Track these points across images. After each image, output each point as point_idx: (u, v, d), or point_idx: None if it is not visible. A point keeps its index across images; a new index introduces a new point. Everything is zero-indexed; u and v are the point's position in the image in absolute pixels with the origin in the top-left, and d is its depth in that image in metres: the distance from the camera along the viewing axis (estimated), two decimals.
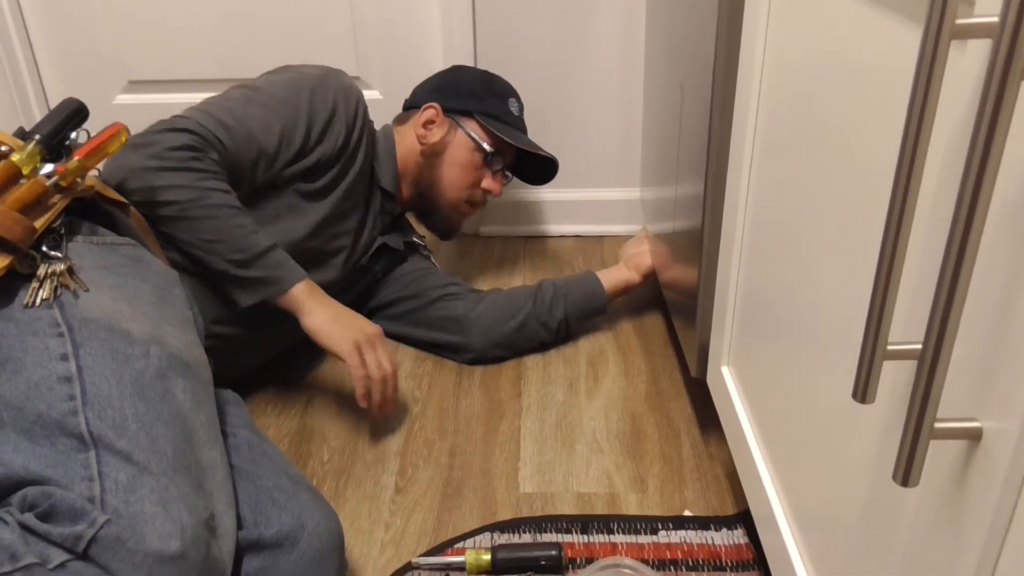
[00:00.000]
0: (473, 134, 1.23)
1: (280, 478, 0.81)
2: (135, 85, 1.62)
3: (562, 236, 1.68)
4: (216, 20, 1.55)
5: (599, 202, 1.66)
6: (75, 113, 0.83)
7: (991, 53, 0.29)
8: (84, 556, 0.61)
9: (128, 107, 1.63)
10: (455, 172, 1.23)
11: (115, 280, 0.80)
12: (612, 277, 1.28)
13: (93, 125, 0.85)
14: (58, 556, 0.61)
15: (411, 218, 1.39)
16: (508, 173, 1.31)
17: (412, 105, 1.29)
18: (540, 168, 1.34)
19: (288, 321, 1.01)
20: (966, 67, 0.38)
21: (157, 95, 1.62)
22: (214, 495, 0.71)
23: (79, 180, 0.81)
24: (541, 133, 1.60)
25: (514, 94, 1.31)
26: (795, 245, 0.66)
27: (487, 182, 1.26)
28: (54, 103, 1.65)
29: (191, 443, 0.72)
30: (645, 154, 1.50)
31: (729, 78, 0.82)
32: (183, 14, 1.54)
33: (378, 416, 1.08)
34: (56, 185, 0.78)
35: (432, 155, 1.23)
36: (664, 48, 1.21)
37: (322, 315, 0.99)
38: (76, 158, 0.81)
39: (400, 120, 1.29)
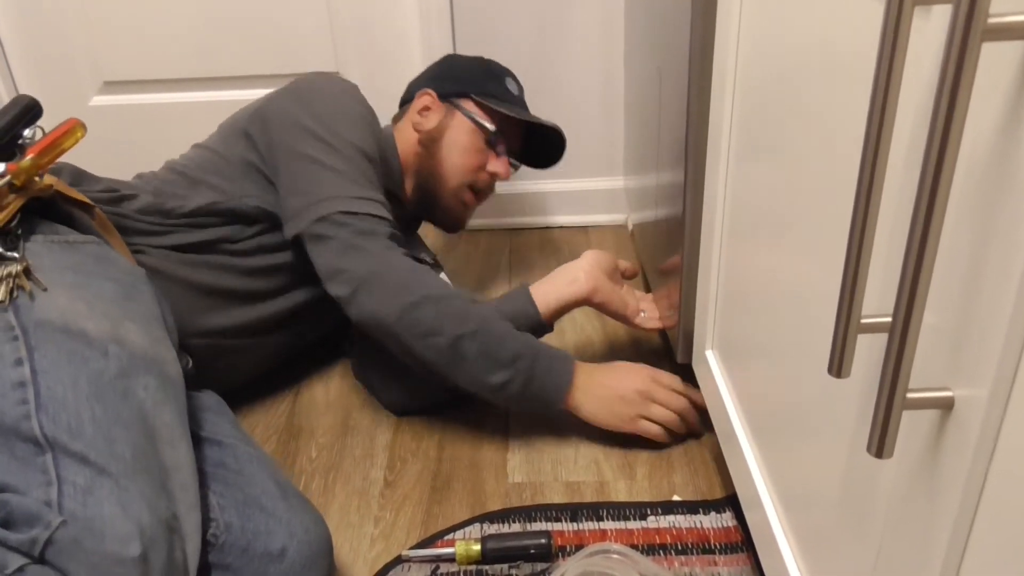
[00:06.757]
0: (472, 114, 1.16)
1: (268, 483, 0.80)
2: (111, 86, 1.60)
3: (547, 227, 1.67)
4: (192, 18, 1.53)
5: (583, 192, 1.65)
6: (27, 110, 0.82)
7: (951, 16, 0.28)
8: (42, 560, 0.60)
9: (104, 109, 1.61)
10: (455, 156, 1.15)
11: (76, 279, 0.77)
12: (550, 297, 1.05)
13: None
14: (16, 561, 0.60)
15: (422, 233, 1.33)
16: (514, 161, 1.23)
17: (407, 100, 1.23)
18: (547, 148, 1.28)
19: (293, 328, 0.96)
20: (931, 34, 0.38)
21: (134, 95, 1.61)
22: (176, 495, 0.69)
23: (36, 179, 0.80)
24: None
25: (511, 75, 1.25)
26: (774, 226, 0.66)
27: (492, 164, 1.18)
28: None
29: (153, 443, 0.70)
30: (628, 143, 1.50)
31: (705, 62, 0.82)
32: (158, 12, 1.53)
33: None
34: (10, 184, 0.77)
35: (430, 142, 1.15)
36: (642, 34, 1.21)
37: (591, 407, 0.98)
38: (29, 156, 0.79)
39: (396, 118, 1.24)
